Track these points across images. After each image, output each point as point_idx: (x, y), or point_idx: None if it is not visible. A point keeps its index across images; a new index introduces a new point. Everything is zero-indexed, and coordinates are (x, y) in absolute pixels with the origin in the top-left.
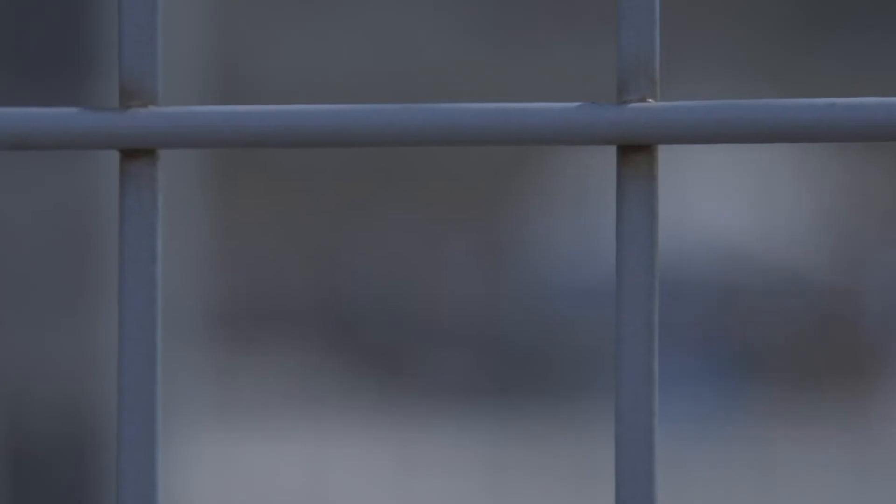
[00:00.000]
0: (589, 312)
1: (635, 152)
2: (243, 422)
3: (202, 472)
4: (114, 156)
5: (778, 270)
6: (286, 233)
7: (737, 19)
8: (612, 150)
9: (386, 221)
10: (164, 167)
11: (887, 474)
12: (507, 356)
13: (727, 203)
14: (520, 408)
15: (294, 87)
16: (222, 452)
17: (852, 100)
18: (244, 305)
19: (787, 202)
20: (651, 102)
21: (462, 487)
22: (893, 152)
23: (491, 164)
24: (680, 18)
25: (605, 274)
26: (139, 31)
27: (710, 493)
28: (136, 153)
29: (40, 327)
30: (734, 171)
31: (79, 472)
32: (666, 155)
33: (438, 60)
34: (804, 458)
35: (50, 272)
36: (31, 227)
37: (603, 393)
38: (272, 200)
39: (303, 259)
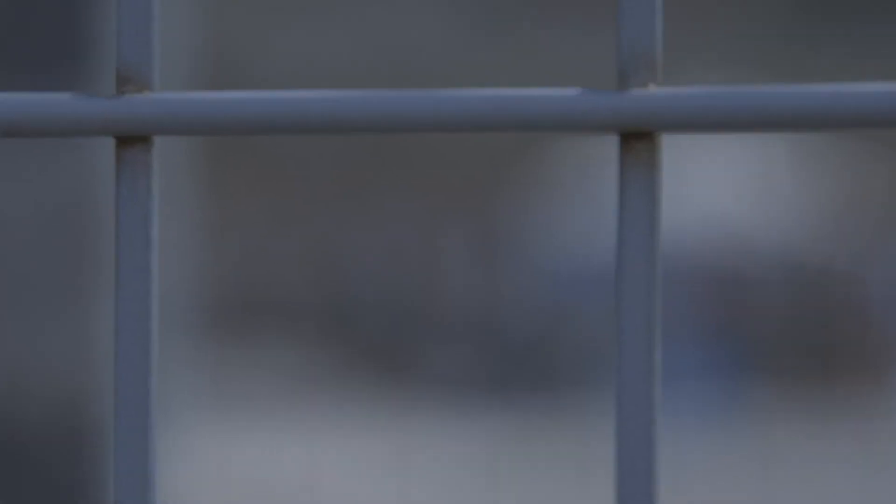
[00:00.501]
0: (590, 304)
1: (637, 140)
2: (239, 416)
3: (198, 465)
4: (108, 143)
5: (782, 260)
6: (281, 223)
7: (738, 9)
8: (614, 138)
9: (383, 211)
10: (158, 154)
11: (893, 468)
12: (507, 348)
13: (728, 191)
14: (520, 401)
15: (290, 78)
16: (218, 446)
17: (863, 85)
18: (239, 298)
19: (790, 190)
20: (653, 89)
21: (460, 481)
22: None
23: (491, 154)
24: (681, 9)
25: (607, 264)
26: (136, 17)
27: (711, 488)
28: (132, 140)
29: (35, 318)
30: (736, 157)
31: (75, 464)
32: (666, 141)
33: (437, 48)
34: (808, 452)
35: (44, 261)
36: (24, 216)
37: (605, 385)
38: (266, 190)
39: (299, 250)
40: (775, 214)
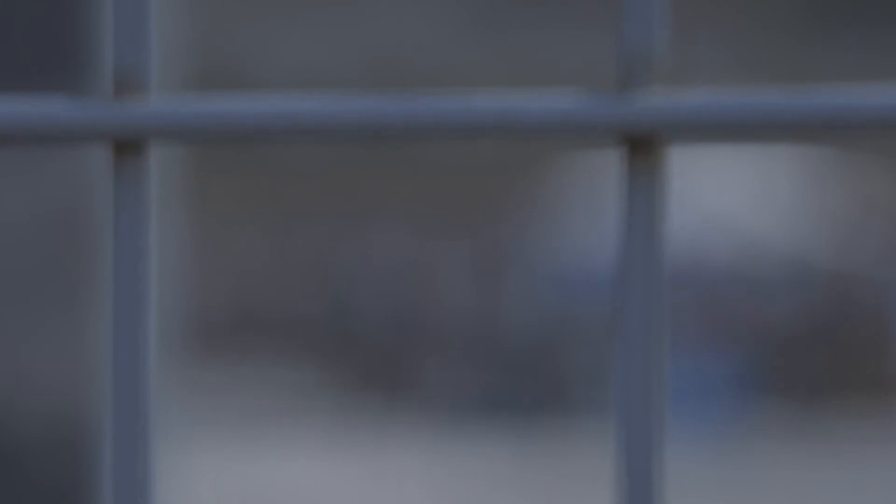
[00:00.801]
0: (595, 317)
1: (641, 148)
2: (234, 433)
3: (194, 484)
4: (105, 148)
5: (791, 268)
6: (278, 235)
7: (740, 10)
8: (618, 145)
9: (383, 222)
10: (155, 160)
11: None
12: (509, 364)
13: (736, 195)
14: (522, 417)
15: (285, 81)
16: (214, 464)
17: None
18: (233, 313)
19: (800, 195)
20: (656, 92)
21: (461, 499)
22: None
23: (494, 164)
24: (685, 13)
25: (612, 276)
26: (132, 19)
27: None
28: (128, 146)
29: (28, 326)
30: (743, 159)
31: (70, 478)
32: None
33: (435, 48)
34: (815, 470)
35: (38, 268)
36: (16, 222)
37: (611, 401)
38: (262, 200)
39: (295, 263)
40: (785, 221)
